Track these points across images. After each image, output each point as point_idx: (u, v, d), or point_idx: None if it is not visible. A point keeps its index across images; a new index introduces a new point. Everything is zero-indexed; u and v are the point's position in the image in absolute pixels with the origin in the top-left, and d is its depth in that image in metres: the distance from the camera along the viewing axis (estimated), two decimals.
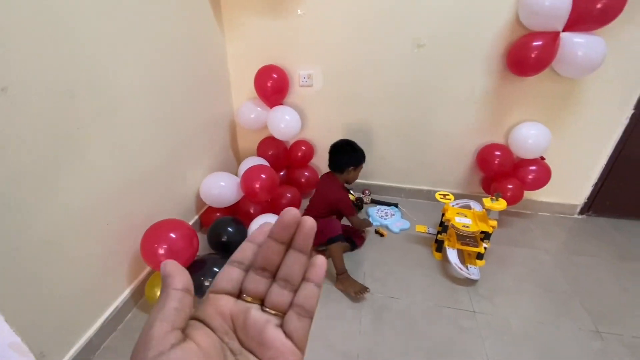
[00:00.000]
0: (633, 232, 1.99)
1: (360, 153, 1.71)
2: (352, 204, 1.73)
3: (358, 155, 1.70)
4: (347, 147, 1.70)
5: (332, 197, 1.68)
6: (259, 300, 0.26)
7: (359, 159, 1.70)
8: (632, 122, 1.82)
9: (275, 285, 0.26)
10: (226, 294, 0.25)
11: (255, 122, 2.06)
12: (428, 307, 1.48)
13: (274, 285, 0.26)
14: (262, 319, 0.25)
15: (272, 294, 0.25)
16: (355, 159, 1.69)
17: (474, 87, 1.88)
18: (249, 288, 0.26)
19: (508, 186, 1.86)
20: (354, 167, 1.68)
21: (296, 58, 2.02)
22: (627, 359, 1.26)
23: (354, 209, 1.72)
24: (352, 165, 1.68)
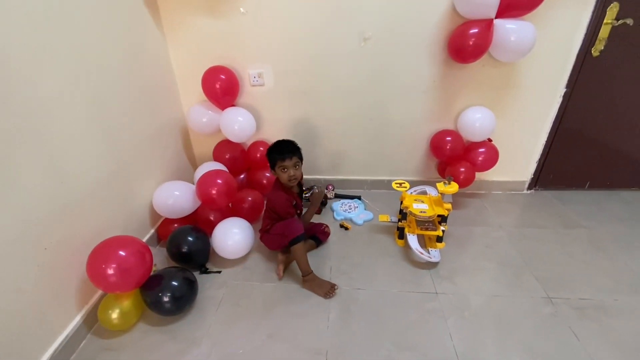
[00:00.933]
0: (574, 201, 2.16)
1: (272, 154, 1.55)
2: (287, 205, 1.58)
3: (271, 155, 1.56)
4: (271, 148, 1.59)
5: (269, 201, 1.64)
6: None
7: (271, 159, 1.56)
8: (565, 99, 1.96)
9: None
10: None
11: (208, 126, 1.99)
12: (393, 294, 1.51)
13: None
14: None
15: None
16: (270, 158, 1.57)
17: (421, 76, 1.94)
18: None
19: (460, 169, 1.94)
20: (271, 168, 1.59)
21: (244, 57, 1.97)
22: (575, 320, 1.36)
23: (289, 211, 1.59)
24: (272, 167, 1.58)
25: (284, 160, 1.52)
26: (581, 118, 2.01)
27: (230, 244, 1.60)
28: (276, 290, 1.55)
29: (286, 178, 1.54)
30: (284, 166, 1.53)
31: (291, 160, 1.53)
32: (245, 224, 1.69)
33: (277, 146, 1.57)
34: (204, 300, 1.51)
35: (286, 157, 1.52)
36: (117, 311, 1.32)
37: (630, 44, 1.79)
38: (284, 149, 1.54)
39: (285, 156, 1.52)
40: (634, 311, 1.39)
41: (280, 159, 1.52)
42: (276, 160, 1.53)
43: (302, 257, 1.53)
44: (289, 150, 1.54)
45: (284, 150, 1.53)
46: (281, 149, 1.54)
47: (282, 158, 1.52)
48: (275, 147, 1.57)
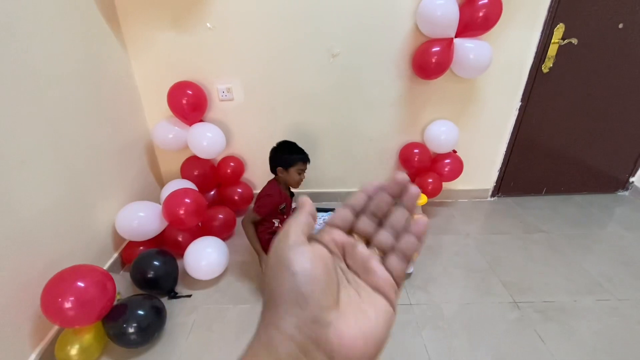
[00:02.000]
0: (533, 207, 2.29)
1: (293, 153, 1.53)
2: (265, 207, 1.51)
3: (289, 155, 1.52)
4: (279, 147, 1.56)
5: (262, 192, 1.56)
6: (365, 239, 0.30)
7: (291, 158, 1.51)
8: (521, 112, 2.09)
9: (382, 229, 0.30)
10: (339, 229, 0.30)
11: (174, 142, 1.92)
12: None
13: (381, 230, 0.30)
14: (367, 252, 0.29)
15: (380, 235, 0.30)
16: (285, 159, 1.52)
17: (388, 91, 2.00)
18: (359, 227, 0.30)
19: (428, 180, 2.00)
20: (282, 167, 1.52)
21: (212, 72, 1.93)
22: (539, 323, 1.44)
23: (260, 212, 1.50)
24: (281, 165, 1.52)
25: (305, 163, 1.55)
26: (536, 129, 2.16)
27: (204, 265, 1.55)
28: (251, 312, 1.51)
29: (298, 180, 1.55)
30: (302, 169, 1.55)
31: (308, 165, 1.57)
32: (218, 242, 1.64)
33: (297, 148, 1.56)
34: (173, 327, 1.44)
35: (307, 161, 1.55)
36: (77, 347, 1.22)
37: (576, 61, 1.95)
38: (305, 153, 1.56)
39: (306, 159, 1.55)
40: (591, 311, 1.49)
41: (302, 160, 1.53)
42: (297, 161, 1.52)
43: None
44: (306, 155, 1.57)
45: (305, 154, 1.55)
46: (304, 152, 1.55)
47: (303, 160, 1.54)
48: (297, 148, 1.56)
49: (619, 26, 1.86)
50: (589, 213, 2.23)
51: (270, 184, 1.58)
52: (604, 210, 2.25)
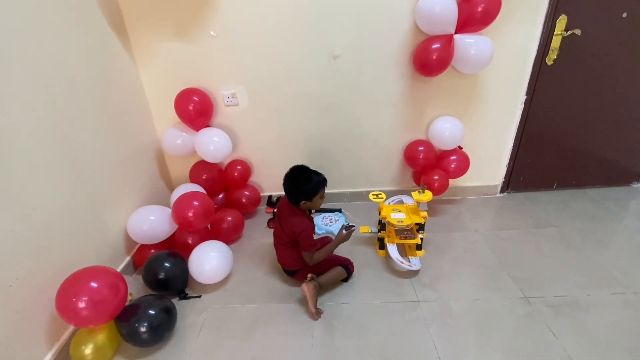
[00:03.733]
0: (544, 201, 2.25)
1: (312, 184, 1.46)
2: (312, 239, 1.51)
3: (309, 187, 1.46)
4: (295, 180, 1.47)
5: (295, 227, 1.47)
6: None
7: (312, 190, 1.46)
8: (526, 106, 2.07)
9: None
10: None
11: (182, 148, 1.98)
12: (376, 305, 1.51)
13: None
14: None
15: None
16: (306, 191, 1.46)
17: (390, 90, 2.01)
18: None
19: (434, 177, 1.99)
20: (306, 200, 1.47)
21: (217, 79, 1.98)
22: (551, 317, 1.41)
23: (312, 245, 1.51)
24: (304, 198, 1.47)
25: (325, 187, 1.52)
26: (543, 122, 2.12)
27: (208, 269, 1.57)
28: (258, 311, 1.52)
29: (317, 206, 1.54)
30: (323, 192, 1.52)
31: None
32: (222, 247, 1.66)
33: (313, 174, 1.49)
34: (184, 327, 1.47)
35: (326, 184, 1.53)
36: (91, 346, 1.26)
37: (580, 52, 1.92)
38: (321, 175, 1.52)
39: (325, 182, 1.53)
40: (604, 305, 1.45)
41: (323, 186, 1.51)
42: (319, 189, 1.49)
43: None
44: (324, 177, 1.53)
45: (323, 177, 1.52)
46: (320, 175, 1.51)
47: (324, 185, 1.52)
48: (314, 175, 1.48)
49: (623, 15, 1.83)
50: (603, 206, 2.17)
51: (298, 217, 1.50)
52: (618, 203, 2.19)
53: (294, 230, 1.47)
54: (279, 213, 1.59)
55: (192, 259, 1.60)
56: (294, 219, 1.49)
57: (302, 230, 1.47)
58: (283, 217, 1.55)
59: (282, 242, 1.57)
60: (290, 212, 1.52)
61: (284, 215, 1.55)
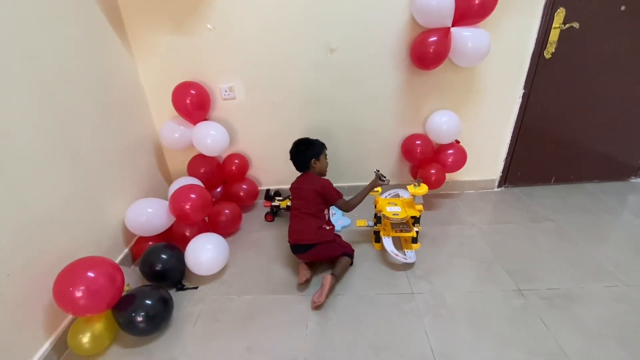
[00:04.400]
0: (541, 196, 2.25)
1: (315, 144, 1.71)
2: (335, 189, 1.68)
3: (314, 147, 1.70)
4: (301, 146, 1.70)
5: (316, 185, 1.63)
6: None
7: (316, 149, 1.70)
8: (524, 100, 2.06)
9: None
10: None
11: (180, 141, 1.99)
12: (371, 297, 1.53)
13: None
14: None
15: None
16: (312, 151, 1.69)
17: (387, 83, 2.01)
18: None
19: (431, 171, 2.00)
20: (315, 159, 1.68)
21: (214, 72, 1.99)
22: (544, 310, 1.41)
23: (339, 193, 1.69)
24: (313, 157, 1.68)
25: (321, 152, 1.72)
26: (541, 116, 2.12)
27: (204, 261, 1.59)
28: (255, 302, 1.54)
29: (327, 164, 1.77)
30: (324, 156, 1.74)
31: None
32: (218, 239, 1.68)
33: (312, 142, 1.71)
34: (180, 317, 1.49)
35: (323, 149, 1.74)
36: (89, 335, 1.29)
37: (579, 45, 1.91)
38: (318, 143, 1.74)
39: (323, 148, 1.75)
40: (597, 298, 1.45)
41: (324, 146, 1.75)
42: (323, 148, 1.73)
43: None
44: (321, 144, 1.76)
45: (320, 144, 1.73)
46: (318, 143, 1.73)
47: (325, 146, 1.76)
48: (313, 140, 1.72)
49: (622, 8, 1.81)
50: (600, 201, 2.17)
51: (316, 178, 1.69)
52: (615, 198, 2.19)
53: (319, 188, 1.62)
54: (298, 187, 1.70)
55: (188, 251, 1.61)
56: (312, 181, 1.66)
57: (325, 182, 1.66)
58: (303, 187, 1.67)
59: (306, 213, 1.63)
60: (308, 179, 1.69)
61: (302, 185, 1.68)
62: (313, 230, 1.61)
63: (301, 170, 1.73)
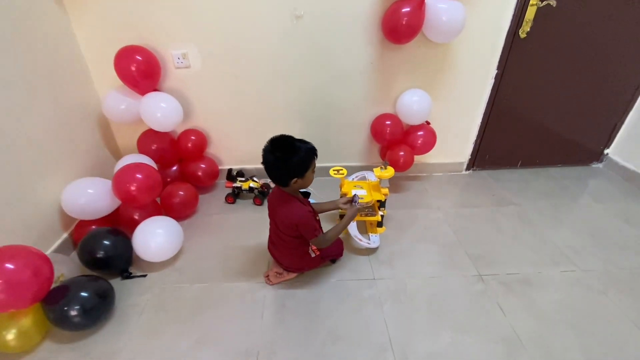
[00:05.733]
0: (507, 179, 2.26)
1: (302, 154, 1.19)
2: (314, 223, 1.32)
3: (299, 160, 1.18)
4: (281, 154, 1.17)
5: (290, 219, 1.27)
6: None
7: (302, 163, 1.20)
8: (497, 81, 2.00)
9: None
10: None
11: (128, 114, 1.78)
12: (331, 284, 1.47)
13: None
14: None
15: None
16: (296, 166, 1.19)
17: (358, 57, 1.87)
18: None
19: (400, 153, 1.93)
20: (298, 178, 1.21)
21: (166, 36, 1.76)
22: (502, 295, 1.42)
23: (316, 229, 1.32)
24: (296, 176, 1.21)
25: (316, 157, 1.25)
26: (512, 99, 2.08)
27: (153, 247, 1.46)
28: (208, 291, 1.44)
29: (309, 182, 1.28)
30: (314, 166, 1.27)
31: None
32: (170, 223, 1.55)
33: (300, 143, 1.21)
34: (125, 308, 1.37)
35: (311, 162, 1.24)
36: (14, 332, 1.15)
37: (554, 25, 1.85)
38: (308, 142, 1.23)
39: (316, 152, 1.25)
40: (554, 283, 1.47)
41: (315, 155, 1.24)
42: (312, 159, 1.23)
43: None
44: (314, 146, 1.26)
45: (313, 146, 1.24)
46: (307, 143, 1.23)
47: (316, 155, 1.24)
48: (301, 144, 1.20)
49: None
50: (563, 185, 2.20)
51: (291, 205, 1.27)
52: (577, 183, 2.23)
53: (292, 222, 1.26)
54: (271, 206, 1.36)
55: (136, 236, 1.47)
56: (287, 209, 1.27)
57: (300, 218, 1.26)
58: (276, 209, 1.31)
59: (280, 241, 1.36)
60: (281, 201, 1.28)
61: (276, 206, 1.31)
62: (294, 260, 1.41)
63: (275, 182, 1.28)
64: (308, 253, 1.41)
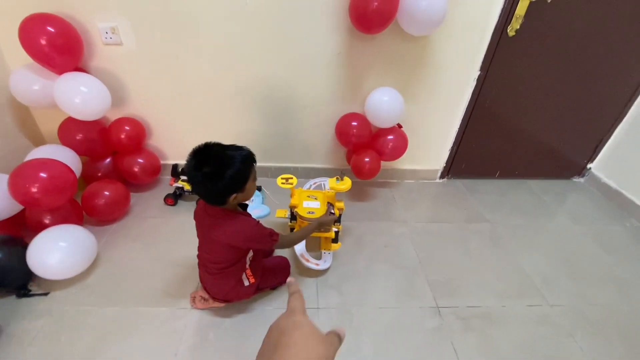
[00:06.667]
0: (483, 191, 2.08)
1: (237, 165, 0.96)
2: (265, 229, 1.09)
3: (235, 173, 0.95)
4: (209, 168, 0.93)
5: (234, 238, 1.04)
6: None
7: (240, 175, 0.97)
8: (479, 83, 1.78)
9: None
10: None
11: (43, 97, 1.49)
12: (267, 314, 1.27)
13: None
14: None
15: None
16: (233, 181, 0.96)
17: (323, 46, 1.62)
18: None
19: (365, 159, 1.71)
20: (237, 191, 0.99)
21: (89, 5, 1.46)
22: (458, 332, 1.25)
23: (272, 234, 1.09)
24: (234, 192, 0.98)
25: (255, 163, 1.04)
26: (494, 104, 1.87)
27: (52, 263, 1.21)
28: (118, 316, 1.22)
29: (251, 194, 1.07)
30: (252, 180, 1.04)
31: None
32: (78, 234, 1.30)
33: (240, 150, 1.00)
34: (12, 335, 1.14)
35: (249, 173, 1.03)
36: None
37: (546, 24, 1.63)
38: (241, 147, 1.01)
39: (254, 157, 1.04)
40: (517, 319, 1.31)
41: (254, 162, 1.03)
42: (251, 167, 1.02)
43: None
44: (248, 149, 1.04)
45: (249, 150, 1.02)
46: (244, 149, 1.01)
47: (255, 161, 1.04)
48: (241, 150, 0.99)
49: None
50: (540, 201, 2.04)
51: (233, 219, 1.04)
52: (556, 199, 2.07)
53: (243, 239, 1.05)
54: (202, 226, 1.10)
55: (31, 248, 1.22)
56: (232, 227, 1.03)
57: (248, 235, 1.05)
58: (213, 229, 1.04)
59: (212, 265, 1.12)
60: (219, 219, 1.04)
61: (212, 226, 1.05)
62: (223, 290, 1.17)
63: (209, 203, 1.04)
64: (241, 280, 1.19)
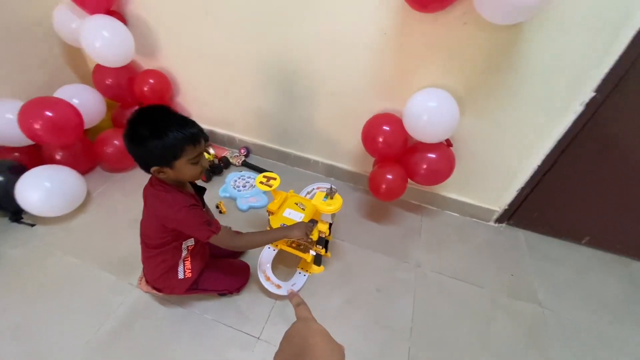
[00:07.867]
0: (552, 257, 1.49)
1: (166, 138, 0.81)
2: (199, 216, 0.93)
3: (161, 143, 0.81)
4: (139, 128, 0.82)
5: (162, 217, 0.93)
6: None
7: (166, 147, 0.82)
8: (591, 109, 1.19)
9: None
10: None
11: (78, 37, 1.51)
12: (202, 322, 1.12)
13: None
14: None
15: None
16: (155, 150, 0.82)
17: (365, 23, 1.25)
18: None
19: (386, 176, 1.34)
20: (158, 164, 0.85)
21: None
22: None
23: (209, 224, 0.94)
24: (155, 163, 0.85)
25: (196, 146, 0.87)
26: (609, 144, 1.26)
27: (33, 200, 1.26)
28: (72, 269, 1.23)
29: (197, 173, 0.91)
30: (198, 154, 0.89)
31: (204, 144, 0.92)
32: (67, 176, 1.33)
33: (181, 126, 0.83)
34: None
35: (200, 140, 0.88)
36: None
37: None
38: (189, 124, 0.85)
39: (197, 137, 0.87)
40: None
41: (192, 144, 0.85)
42: (185, 148, 0.84)
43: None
44: (199, 129, 0.88)
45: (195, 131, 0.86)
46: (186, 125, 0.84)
47: (194, 143, 0.86)
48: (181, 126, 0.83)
49: None
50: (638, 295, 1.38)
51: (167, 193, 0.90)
52: None
53: (160, 218, 0.92)
54: (144, 200, 0.97)
55: (20, 182, 1.28)
56: (156, 199, 0.91)
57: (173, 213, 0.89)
58: (145, 199, 0.96)
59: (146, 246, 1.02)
60: (152, 191, 0.93)
61: (145, 196, 0.96)
62: (156, 274, 1.04)
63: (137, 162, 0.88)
64: (176, 270, 1.05)
